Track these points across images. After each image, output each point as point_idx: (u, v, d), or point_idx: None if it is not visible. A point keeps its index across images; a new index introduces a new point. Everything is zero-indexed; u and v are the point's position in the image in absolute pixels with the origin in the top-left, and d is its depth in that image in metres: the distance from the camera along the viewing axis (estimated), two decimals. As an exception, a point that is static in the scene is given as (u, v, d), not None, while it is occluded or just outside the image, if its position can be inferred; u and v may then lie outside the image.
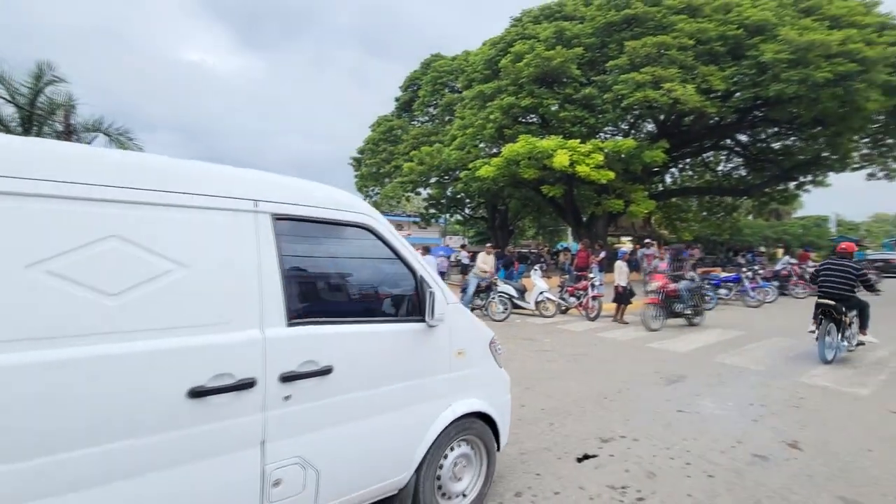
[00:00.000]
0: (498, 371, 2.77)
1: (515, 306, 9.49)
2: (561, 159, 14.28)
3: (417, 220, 27.86)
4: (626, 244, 29.69)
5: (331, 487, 1.89)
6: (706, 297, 10.11)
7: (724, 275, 13.44)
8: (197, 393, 1.51)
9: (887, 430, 3.94)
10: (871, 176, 19.34)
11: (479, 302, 9.62)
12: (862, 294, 6.30)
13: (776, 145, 20.16)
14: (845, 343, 6.08)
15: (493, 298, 9.21)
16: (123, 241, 1.44)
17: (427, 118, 26.92)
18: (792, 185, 21.57)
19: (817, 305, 6.19)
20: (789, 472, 3.18)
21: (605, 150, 15.01)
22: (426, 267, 2.35)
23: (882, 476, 3.14)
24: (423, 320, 2.23)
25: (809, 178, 20.59)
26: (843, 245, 6.61)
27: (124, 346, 1.41)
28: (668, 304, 8.47)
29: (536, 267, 10.76)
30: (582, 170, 14.44)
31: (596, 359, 6.23)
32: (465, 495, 2.52)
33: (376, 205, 27.66)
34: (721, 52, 14.97)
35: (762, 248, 27.85)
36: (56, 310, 1.31)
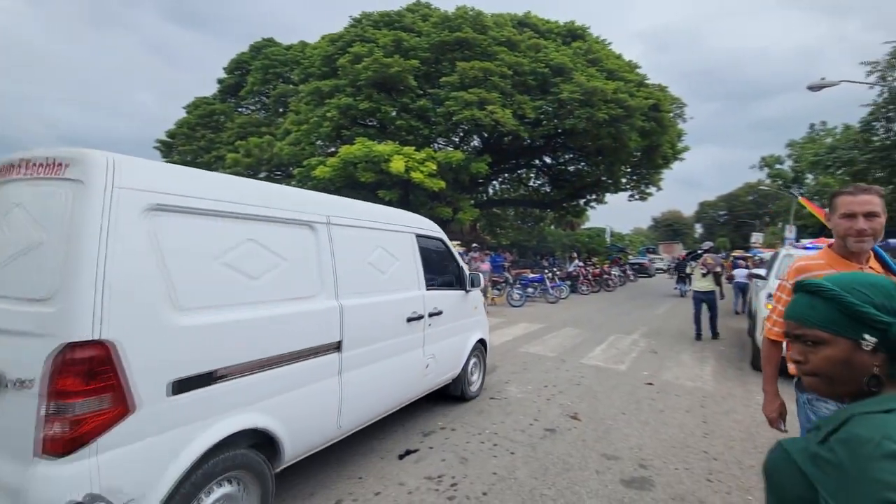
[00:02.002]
0: (485, 318, 5.14)
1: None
2: (397, 165, 14.71)
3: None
4: (456, 247, 32.04)
5: (439, 371, 4.03)
6: (517, 295, 11.64)
7: (531, 276, 15.61)
8: (409, 319, 3.49)
9: (636, 395, 5.09)
10: (631, 197, 24.87)
11: None
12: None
13: (571, 168, 24.37)
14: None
15: None
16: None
17: (258, 107, 24.73)
18: (582, 201, 26.35)
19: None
20: (570, 439, 3.86)
21: (438, 160, 16.02)
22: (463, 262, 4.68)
23: (631, 432, 4.04)
24: (464, 289, 4.55)
25: (594, 196, 25.47)
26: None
27: (389, 296, 3.39)
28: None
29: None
30: (417, 176, 15.12)
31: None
32: (473, 382, 4.82)
33: (192, 198, 24.23)
34: (533, 85, 17.43)
35: (558, 253, 33.36)
36: (226, 286, 2.13)
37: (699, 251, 11.45)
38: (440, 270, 4.28)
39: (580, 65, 18.01)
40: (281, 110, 21.85)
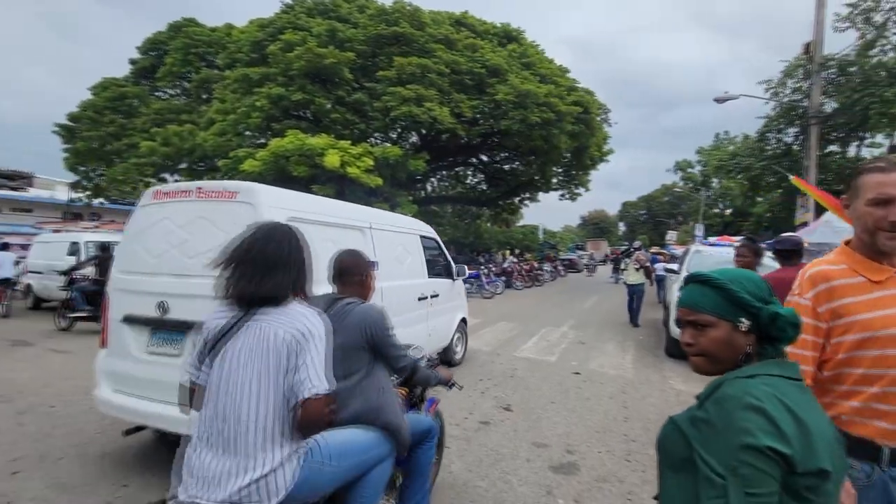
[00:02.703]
0: (465, 301, 6.68)
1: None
2: (332, 159, 14.28)
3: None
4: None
5: (437, 340, 5.40)
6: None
7: (468, 272, 15.90)
8: (419, 299, 4.97)
9: (565, 385, 5.37)
10: (562, 196, 26.08)
11: None
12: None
13: (507, 167, 25.06)
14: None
15: None
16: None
17: (177, 92, 22.87)
18: (516, 199, 27.21)
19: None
20: (503, 430, 3.99)
21: (376, 155, 15.77)
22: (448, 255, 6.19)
23: (560, 420, 4.26)
24: (451, 278, 5.99)
25: (527, 195, 26.40)
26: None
27: (406, 281, 4.84)
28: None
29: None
30: (353, 171, 14.77)
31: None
32: (458, 352, 6.16)
33: (99, 189, 21.90)
34: (470, 85, 17.67)
35: (494, 250, 34.26)
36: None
37: (632, 249, 12.43)
38: (435, 263, 5.75)
39: (515, 67, 18.52)
40: (204, 97, 20.35)
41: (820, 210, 11.08)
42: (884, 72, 14.72)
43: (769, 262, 4.07)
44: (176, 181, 21.20)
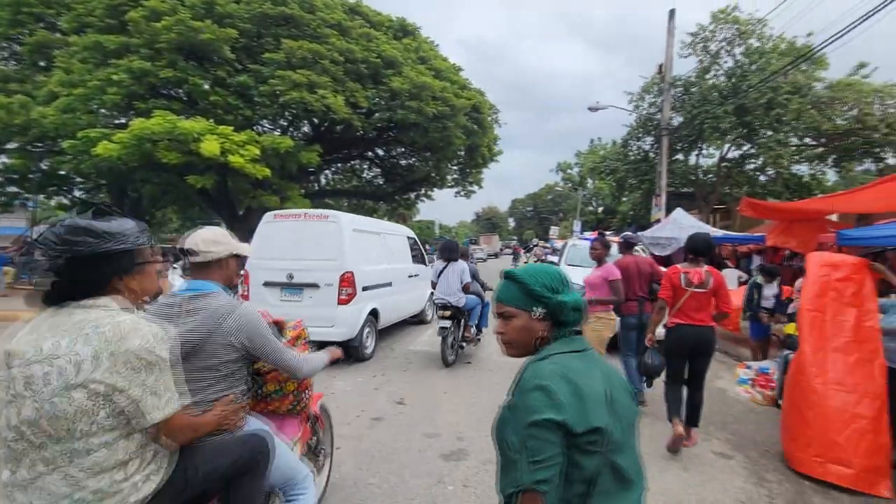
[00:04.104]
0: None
1: (148, 313, 7.96)
2: (210, 146, 12.95)
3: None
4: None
5: (418, 304, 8.64)
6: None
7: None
8: (409, 276, 8.01)
9: (457, 375, 5.56)
10: (457, 193, 26.93)
11: None
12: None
13: (403, 162, 25.10)
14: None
15: None
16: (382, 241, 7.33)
17: (6, 55, 18.81)
18: (413, 195, 27.41)
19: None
20: (397, 425, 4.00)
21: (263, 145, 14.65)
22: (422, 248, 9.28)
23: (452, 409, 4.40)
24: (424, 264, 8.87)
25: (423, 190, 26.74)
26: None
27: (402, 265, 7.88)
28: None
29: (176, 265, 9.27)
30: (236, 160, 13.56)
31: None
32: (428, 315, 8.99)
33: None
34: (365, 74, 17.27)
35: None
36: (381, 260, 6.99)
37: (532, 245, 13.62)
38: (416, 254, 8.59)
39: (411, 60, 18.54)
40: (42, 64, 17.03)
41: (669, 210, 12.97)
42: (716, 93, 17.65)
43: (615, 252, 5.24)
44: (4, 165, 17.52)
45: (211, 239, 1.78)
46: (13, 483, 1.20)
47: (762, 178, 19.76)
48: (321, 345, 2.36)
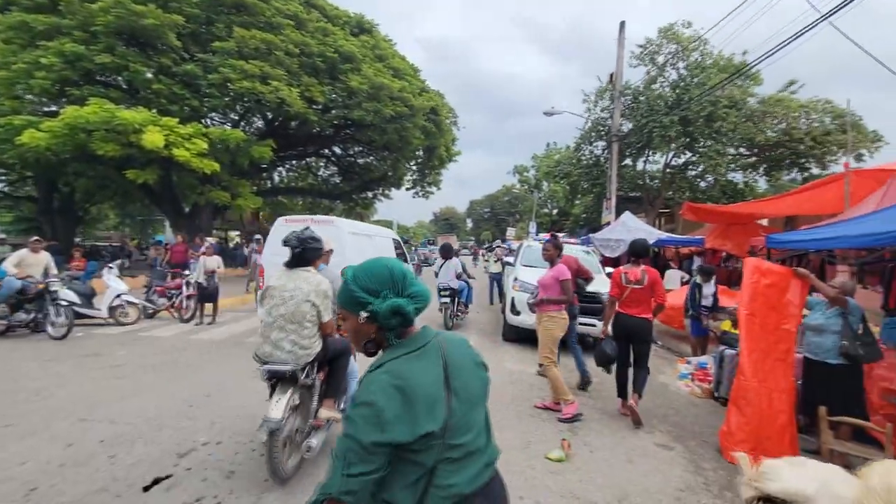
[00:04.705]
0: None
1: (80, 316, 7.37)
2: (153, 138, 12.18)
3: None
4: (234, 238, 28.82)
5: None
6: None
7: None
8: (398, 255, 9.32)
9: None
10: (415, 194, 26.85)
11: (23, 316, 6.90)
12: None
13: (360, 161, 24.72)
14: None
15: (49, 310, 6.82)
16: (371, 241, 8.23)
17: None
18: (370, 194, 27.05)
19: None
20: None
21: (212, 138, 13.95)
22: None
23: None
24: (408, 263, 10.13)
25: (381, 190, 26.44)
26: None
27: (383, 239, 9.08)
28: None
29: (112, 265, 8.66)
30: (181, 154, 12.83)
31: (184, 364, 5.63)
32: None
33: None
34: (322, 69, 16.82)
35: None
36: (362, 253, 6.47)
37: (493, 246, 14.22)
38: (399, 252, 9.43)
39: (369, 57, 18.28)
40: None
41: (619, 213, 13.53)
42: (663, 102, 18.61)
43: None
44: None
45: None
46: (273, 340, 2.88)
47: (702, 184, 21.02)
48: None
